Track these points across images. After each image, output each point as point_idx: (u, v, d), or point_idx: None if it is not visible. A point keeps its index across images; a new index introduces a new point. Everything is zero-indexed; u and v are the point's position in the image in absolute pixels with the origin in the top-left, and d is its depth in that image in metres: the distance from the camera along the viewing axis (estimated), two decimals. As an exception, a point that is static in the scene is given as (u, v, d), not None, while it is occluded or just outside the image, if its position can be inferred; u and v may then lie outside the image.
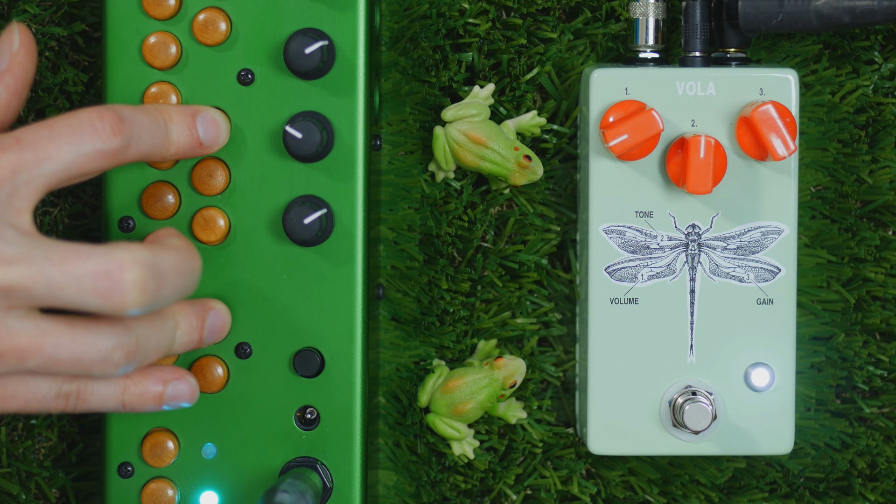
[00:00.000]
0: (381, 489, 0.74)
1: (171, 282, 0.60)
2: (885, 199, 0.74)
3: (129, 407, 0.63)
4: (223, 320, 0.66)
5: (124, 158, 0.61)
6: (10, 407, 0.61)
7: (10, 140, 0.59)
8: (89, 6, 0.72)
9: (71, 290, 0.58)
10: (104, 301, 0.58)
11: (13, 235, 0.58)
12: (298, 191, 0.67)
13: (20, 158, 0.59)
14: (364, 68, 0.66)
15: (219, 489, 0.68)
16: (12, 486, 0.73)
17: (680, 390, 0.69)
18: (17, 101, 0.62)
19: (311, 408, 0.68)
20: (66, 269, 0.58)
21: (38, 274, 0.57)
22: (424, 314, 0.74)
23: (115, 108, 0.61)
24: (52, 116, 0.60)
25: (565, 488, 0.74)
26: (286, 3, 0.66)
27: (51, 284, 0.58)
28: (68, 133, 0.59)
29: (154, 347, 0.62)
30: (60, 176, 0.59)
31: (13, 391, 0.61)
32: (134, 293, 0.58)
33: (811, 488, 0.75)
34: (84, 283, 0.58)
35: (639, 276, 0.69)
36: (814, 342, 0.74)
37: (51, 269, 0.57)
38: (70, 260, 0.58)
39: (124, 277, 0.58)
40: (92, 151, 0.60)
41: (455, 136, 0.71)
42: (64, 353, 0.59)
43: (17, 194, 0.59)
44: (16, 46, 0.62)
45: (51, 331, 0.59)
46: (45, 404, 0.61)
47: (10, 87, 0.62)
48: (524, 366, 0.72)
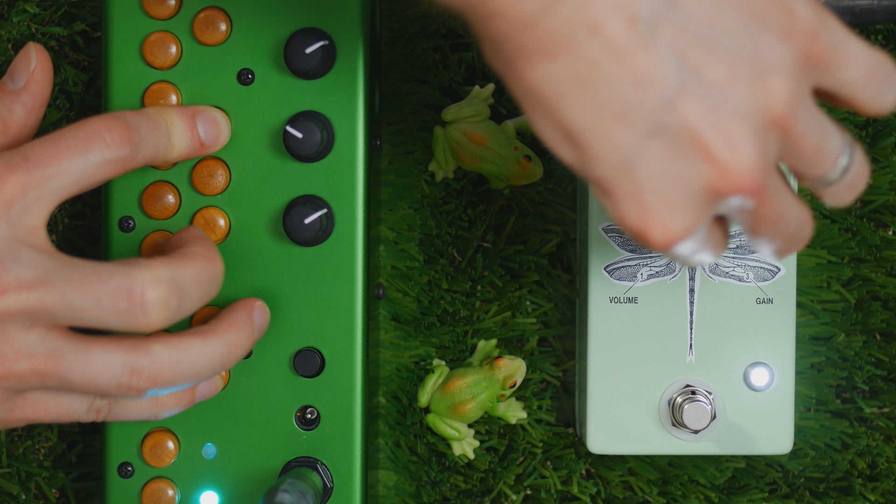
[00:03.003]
0: (381, 489, 0.74)
1: (193, 294, 0.60)
2: (885, 199, 0.74)
3: (162, 413, 0.63)
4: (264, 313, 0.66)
5: (132, 165, 0.61)
6: (43, 418, 0.61)
7: (19, 158, 0.59)
8: (89, 6, 0.72)
9: (93, 312, 0.58)
10: (126, 321, 0.58)
11: (30, 256, 0.58)
12: (298, 191, 0.67)
13: (30, 176, 0.59)
14: (364, 68, 0.66)
15: (219, 489, 0.68)
16: (12, 486, 0.73)
17: (679, 390, 0.70)
18: (35, 119, 0.63)
19: (311, 408, 0.68)
20: (87, 291, 0.57)
21: (58, 297, 0.57)
22: (424, 314, 0.74)
23: (121, 115, 0.61)
24: (59, 129, 0.60)
25: (565, 488, 0.74)
26: (286, 3, 0.66)
27: (72, 307, 0.57)
28: (76, 146, 0.59)
29: (173, 376, 0.61)
30: (71, 189, 0.59)
31: (46, 404, 0.61)
32: (156, 312, 0.58)
33: (811, 488, 0.75)
34: (105, 304, 0.58)
35: (638, 275, 0.69)
36: (814, 342, 0.74)
37: (71, 293, 0.57)
38: (90, 281, 0.58)
39: (146, 297, 0.58)
40: (101, 162, 0.60)
41: (455, 136, 0.71)
42: (76, 376, 0.59)
43: (29, 212, 0.59)
44: (33, 65, 0.63)
45: (67, 353, 0.58)
46: (77, 417, 0.62)
47: (28, 105, 0.63)
48: (524, 366, 0.72)
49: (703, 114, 0.51)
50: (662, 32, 0.50)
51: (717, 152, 0.52)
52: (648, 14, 0.50)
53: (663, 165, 0.52)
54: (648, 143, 0.51)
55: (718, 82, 0.51)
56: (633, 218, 0.53)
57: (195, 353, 0.60)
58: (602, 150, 0.51)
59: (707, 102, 0.51)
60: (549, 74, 0.51)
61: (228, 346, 0.62)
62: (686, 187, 0.52)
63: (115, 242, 0.67)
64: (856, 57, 0.54)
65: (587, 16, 0.50)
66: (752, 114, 0.52)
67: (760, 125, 0.52)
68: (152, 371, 0.59)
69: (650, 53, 0.50)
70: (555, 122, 0.52)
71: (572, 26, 0.50)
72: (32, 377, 0.58)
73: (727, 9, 0.51)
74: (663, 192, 0.52)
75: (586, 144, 0.52)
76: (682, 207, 0.52)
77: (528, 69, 0.51)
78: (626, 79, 0.50)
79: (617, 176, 0.52)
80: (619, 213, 0.53)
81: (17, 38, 0.72)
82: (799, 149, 0.54)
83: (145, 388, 0.59)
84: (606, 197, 0.53)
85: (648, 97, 0.50)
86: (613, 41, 0.50)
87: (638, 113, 0.51)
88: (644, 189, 0.52)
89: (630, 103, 0.51)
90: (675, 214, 0.53)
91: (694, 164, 0.52)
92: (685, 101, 0.51)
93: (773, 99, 0.52)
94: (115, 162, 0.60)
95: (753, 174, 0.52)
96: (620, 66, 0.50)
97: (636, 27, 0.50)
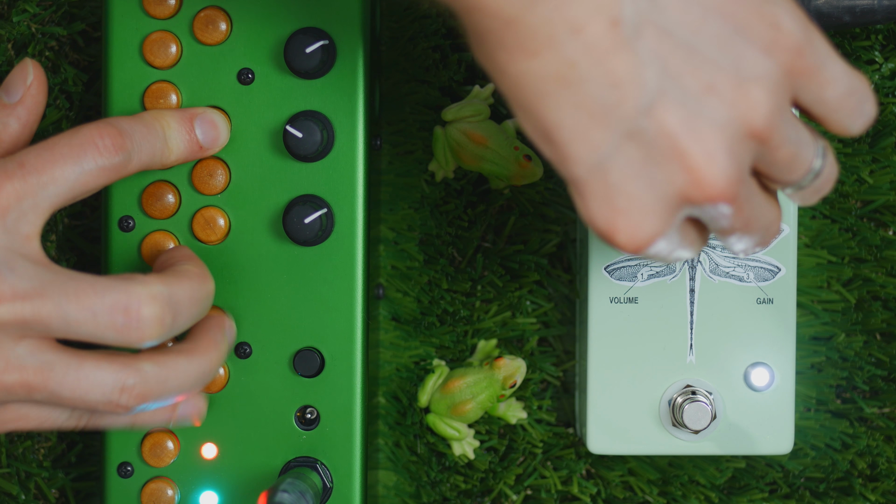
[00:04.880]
0: (381, 489, 0.74)
1: (187, 312, 0.60)
2: (885, 199, 0.74)
3: (140, 426, 0.64)
4: (233, 329, 0.66)
5: (126, 172, 0.61)
6: (23, 427, 0.61)
7: (14, 165, 0.59)
8: (89, 6, 0.72)
9: (88, 326, 0.58)
10: (121, 336, 0.58)
11: (25, 267, 0.58)
12: (298, 191, 0.67)
13: (25, 184, 0.59)
14: (364, 68, 0.66)
15: (219, 489, 0.68)
16: (12, 486, 0.73)
17: (679, 390, 0.70)
18: (28, 133, 0.63)
19: (311, 408, 0.68)
20: (84, 304, 0.57)
21: (53, 309, 0.57)
22: (424, 314, 0.74)
23: (114, 122, 0.61)
24: (52, 137, 0.60)
25: (565, 488, 0.74)
26: (286, 3, 0.66)
27: (67, 320, 0.57)
28: (70, 153, 0.59)
29: (162, 393, 0.61)
30: (65, 196, 0.60)
31: (27, 412, 0.61)
32: (152, 328, 0.58)
33: (811, 489, 0.75)
34: (101, 318, 0.58)
35: (638, 275, 0.69)
36: (814, 342, 0.74)
37: (67, 305, 0.57)
38: (87, 295, 0.58)
39: (142, 313, 0.58)
40: (94, 169, 0.60)
41: (455, 136, 0.71)
42: (67, 391, 0.59)
43: (24, 219, 0.59)
44: (30, 80, 0.63)
45: (58, 367, 0.58)
46: (58, 424, 0.62)
47: (22, 119, 0.63)
48: (524, 366, 0.72)
49: (681, 120, 0.51)
50: (645, 36, 0.50)
51: (693, 160, 0.51)
52: (632, 16, 0.50)
53: (637, 169, 0.52)
54: (624, 145, 0.51)
55: (699, 90, 0.51)
56: (601, 218, 0.53)
57: (181, 371, 0.61)
58: (577, 150, 0.52)
59: (686, 109, 0.51)
60: (529, 71, 0.51)
61: (210, 364, 0.62)
62: (658, 192, 0.52)
63: (115, 242, 0.67)
64: (836, 79, 0.54)
65: (569, 16, 0.50)
66: (730, 124, 0.52)
67: (738, 135, 0.52)
68: (142, 389, 0.59)
69: (631, 56, 0.50)
70: (534, 118, 0.52)
71: (554, 25, 0.50)
72: (20, 389, 0.58)
73: (712, 16, 0.51)
74: (635, 195, 0.52)
75: (563, 143, 0.52)
76: (651, 212, 0.52)
77: (509, 65, 0.51)
78: (605, 80, 0.50)
79: (591, 176, 0.52)
80: (588, 212, 0.53)
81: (17, 38, 0.72)
82: (775, 158, 0.54)
83: (133, 405, 0.59)
84: (579, 195, 0.53)
85: (627, 100, 0.50)
86: (595, 42, 0.50)
87: (616, 115, 0.51)
88: (616, 191, 0.52)
89: (608, 105, 0.51)
90: (644, 218, 0.53)
91: (668, 171, 0.52)
92: (664, 106, 0.51)
93: (753, 111, 0.52)
94: (108, 169, 0.60)
95: (727, 184, 0.52)
96: (600, 68, 0.50)
97: (618, 29, 0.50)
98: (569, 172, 0.52)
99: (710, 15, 0.51)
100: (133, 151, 0.61)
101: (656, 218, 0.53)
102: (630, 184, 0.52)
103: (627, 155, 0.52)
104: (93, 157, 0.60)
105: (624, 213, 0.52)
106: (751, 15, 0.52)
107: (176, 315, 0.59)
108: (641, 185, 0.52)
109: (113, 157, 0.60)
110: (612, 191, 0.52)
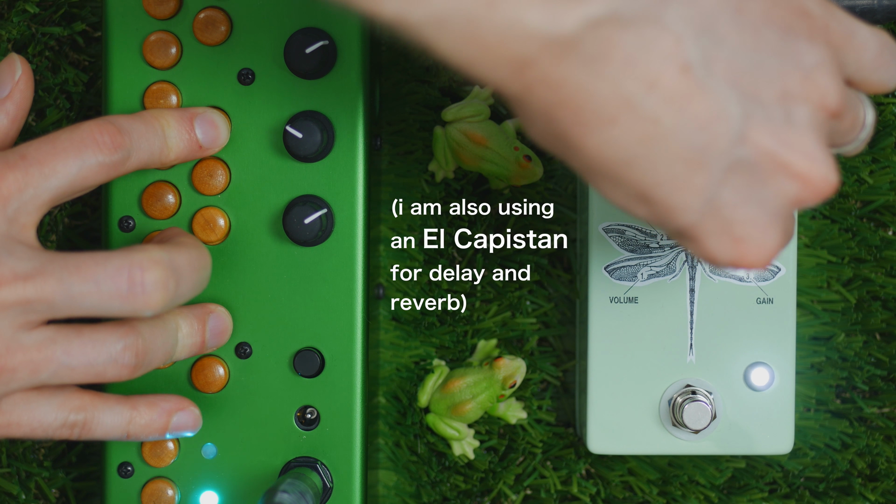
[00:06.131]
0: (381, 489, 0.74)
1: (189, 279, 0.61)
2: (885, 199, 0.74)
3: (134, 436, 0.63)
4: (224, 323, 0.66)
5: (125, 169, 0.61)
6: (15, 433, 0.61)
7: (16, 157, 0.59)
8: (89, 6, 0.72)
9: (93, 297, 0.58)
10: (127, 303, 0.58)
11: (23, 251, 0.58)
12: (298, 191, 0.67)
13: (26, 175, 0.59)
14: (364, 68, 0.66)
15: (219, 489, 0.68)
16: (12, 486, 0.73)
17: (679, 389, 0.70)
18: (16, 128, 0.63)
19: (311, 408, 0.68)
20: (86, 275, 0.58)
21: (56, 285, 0.57)
22: (424, 314, 0.74)
23: (114, 119, 0.61)
24: (53, 132, 0.60)
25: (565, 488, 0.74)
26: (286, 3, 0.66)
27: (71, 294, 0.58)
28: (71, 148, 0.60)
29: (160, 349, 0.62)
30: (64, 190, 0.60)
31: (18, 418, 0.61)
32: (156, 293, 0.59)
33: (811, 488, 0.75)
34: (105, 287, 0.58)
35: (638, 275, 0.69)
36: (814, 342, 0.74)
37: (69, 278, 0.58)
38: (88, 266, 0.58)
39: (145, 278, 0.58)
40: (94, 165, 0.60)
41: (455, 136, 0.71)
42: (75, 358, 0.59)
43: (23, 210, 0.59)
44: (18, 74, 0.63)
45: (59, 339, 0.59)
46: (50, 433, 0.62)
47: (11, 114, 0.63)
48: (524, 366, 0.72)
49: (773, 136, 0.51)
50: (716, 71, 0.50)
51: (798, 167, 0.52)
52: (698, 56, 0.50)
53: (745, 194, 0.52)
54: (728, 178, 0.51)
55: (776, 100, 0.52)
56: (725, 253, 0.53)
57: (172, 331, 0.63)
58: (682, 200, 0.51)
59: (773, 124, 0.52)
60: (611, 140, 0.50)
61: (200, 332, 0.65)
62: (771, 207, 0.53)
63: (115, 242, 0.67)
64: (867, 40, 0.55)
65: (639, 73, 0.49)
66: (813, 117, 0.52)
67: (821, 123, 0.53)
68: (143, 344, 0.60)
69: (710, 95, 0.50)
70: (626, 186, 0.51)
71: (626, 86, 0.49)
72: (25, 370, 0.58)
73: (762, 28, 0.52)
74: (750, 219, 0.52)
75: (665, 199, 0.51)
76: (771, 227, 0.53)
77: (586, 138, 0.50)
78: (692, 126, 0.50)
79: (702, 219, 0.52)
80: (708, 252, 0.53)
81: (17, 39, 0.72)
82: (843, 126, 0.55)
83: (137, 363, 0.60)
84: (691, 241, 0.53)
85: (719, 138, 0.50)
86: (672, 92, 0.49)
87: (712, 155, 0.51)
88: (731, 223, 0.52)
89: (701, 148, 0.50)
90: (766, 236, 0.53)
91: (777, 185, 0.52)
92: (753, 129, 0.51)
93: (826, 96, 0.53)
94: (107, 166, 0.60)
95: (834, 175, 0.53)
96: (684, 115, 0.50)
97: (690, 73, 0.49)
98: (677, 223, 0.52)
99: (761, 27, 0.52)
100: (132, 149, 0.61)
101: (777, 230, 0.53)
102: (742, 211, 0.52)
103: (733, 185, 0.52)
104: (93, 152, 0.60)
105: (746, 240, 0.53)
106: (787, 13, 0.52)
107: (179, 280, 0.60)
108: (753, 207, 0.52)
109: (112, 154, 0.60)
110: (728, 224, 0.52)
